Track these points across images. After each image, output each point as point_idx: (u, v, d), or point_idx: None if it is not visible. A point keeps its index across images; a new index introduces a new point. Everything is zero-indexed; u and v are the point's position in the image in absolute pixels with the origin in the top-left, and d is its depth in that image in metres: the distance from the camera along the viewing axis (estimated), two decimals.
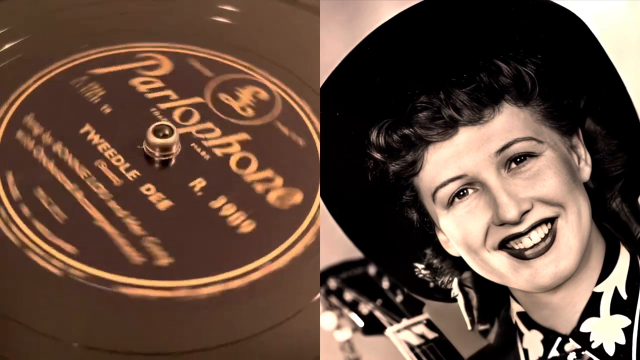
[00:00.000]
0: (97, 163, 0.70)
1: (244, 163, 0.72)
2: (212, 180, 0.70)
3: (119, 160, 0.70)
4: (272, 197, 0.69)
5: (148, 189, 0.68)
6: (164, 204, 0.68)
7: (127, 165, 0.70)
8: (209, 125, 0.74)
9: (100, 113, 0.74)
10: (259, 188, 0.70)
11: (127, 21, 0.84)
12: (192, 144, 0.72)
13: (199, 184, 0.69)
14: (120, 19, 0.84)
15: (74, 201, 0.67)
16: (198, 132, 0.73)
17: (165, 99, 0.76)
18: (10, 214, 0.66)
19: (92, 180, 0.68)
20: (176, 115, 0.75)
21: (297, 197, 0.70)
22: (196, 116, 0.75)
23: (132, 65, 0.79)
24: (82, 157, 0.70)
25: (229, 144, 0.73)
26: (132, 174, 0.69)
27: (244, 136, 0.74)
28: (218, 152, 0.72)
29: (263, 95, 0.78)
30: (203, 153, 0.72)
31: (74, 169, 0.69)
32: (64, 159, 0.70)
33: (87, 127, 0.73)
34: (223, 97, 0.77)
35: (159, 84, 0.77)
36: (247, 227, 0.67)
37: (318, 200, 0.69)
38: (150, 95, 0.76)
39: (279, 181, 0.71)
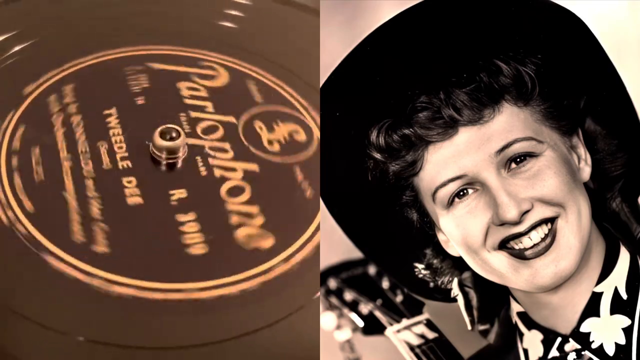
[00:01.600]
0: (99, 143, 0.71)
1: (235, 191, 0.70)
2: (193, 195, 0.69)
3: (120, 148, 0.71)
4: (240, 233, 0.67)
5: (129, 182, 0.69)
6: (134, 200, 0.68)
7: (125, 154, 0.71)
8: (225, 145, 0.73)
9: (133, 102, 0.76)
10: (234, 220, 0.68)
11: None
12: (197, 157, 0.72)
13: (179, 194, 0.69)
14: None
15: (58, 168, 0.69)
16: (211, 148, 0.73)
17: (200, 109, 0.76)
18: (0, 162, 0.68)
19: (85, 156, 0.70)
20: (200, 127, 0.74)
21: (266, 243, 0.67)
22: (219, 133, 0.74)
23: (190, 69, 0.80)
24: (91, 134, 0.72)
25: (232, 169, 0.72)
26: (124, 164, 0.70)
27: (252, 167, 0.72)
28: (217, 172, 0.71)
29: (300, 136, 0.76)
30: (202, 169, 0.71)
31: (77, 141, 0.71)
32: (75, 130, 0.72)
33: (112, 110, 0.74)
34: (257, 124, 0.76)
35: (203, 93, 0.77)
36: (198, 249, 0.66)
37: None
38: (189, 101, 0.77)
39: (258, 221, 0.68)
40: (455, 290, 0.59)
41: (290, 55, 0.83)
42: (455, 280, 0.59)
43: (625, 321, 0.54)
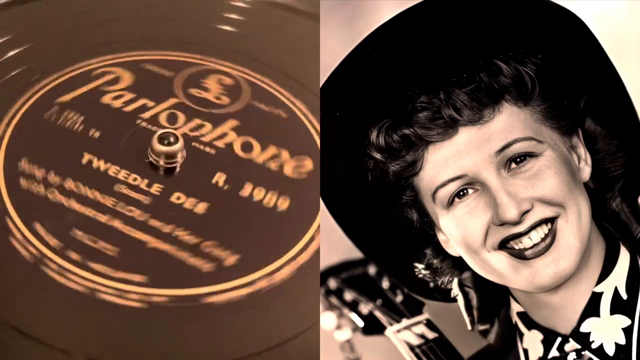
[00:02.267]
0: (116, 188, 0.67)
1: (247, 147, 0.72)
2: (229, 171, 0.70)
3: (135, 179, 0.68)
4: (288, 170, 0.71)
5: (178, 198, 0.68)
6: (201, 207, 0.67)
7: (146, 181, 0.69)
8: (197, 121, 0.74)
9: (91, 139, 0.71)
10: (273, 165, 0.71)
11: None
12: (193, 143, 0.72)
13: (219, 178, 0.70)
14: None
15: (116, 231, 0.65)
16: (191, 130, 0.73)
17: (143, 108, 0.75)
18: (60, 263, 0.62)
19: (122, 206, 0.66)
20: (162, 120, 0.74)
21: (308, 164, 0.71)
22: (181, 117, 0.74)
23: (94, 84, 0.76)
24: (99, 186, 0.67)
25: (225, 134, 0.73)
26: (156, 188, 0.68)
27: (234, 123, 0.74)
28: (219, 144, 0.72)
29: (227, 81, 0.78)
30: (207, 149, 0.72)
31: (99, 200, 0.66)
32: (83, 193, 0.67)
33: (87, 157, 0.70)
34: (194, 92, 0.77)
35: (129, 95, 0.75)
36: (284, 204, 0.69)
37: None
38: (128, 109, 0.74)
39: (285, 154, 0.72)
40: (455, 290, 0.59)
41: (289, 58, 0.83)
42: (455, 280, 0.59)
43: (625, 321, 0.54)
